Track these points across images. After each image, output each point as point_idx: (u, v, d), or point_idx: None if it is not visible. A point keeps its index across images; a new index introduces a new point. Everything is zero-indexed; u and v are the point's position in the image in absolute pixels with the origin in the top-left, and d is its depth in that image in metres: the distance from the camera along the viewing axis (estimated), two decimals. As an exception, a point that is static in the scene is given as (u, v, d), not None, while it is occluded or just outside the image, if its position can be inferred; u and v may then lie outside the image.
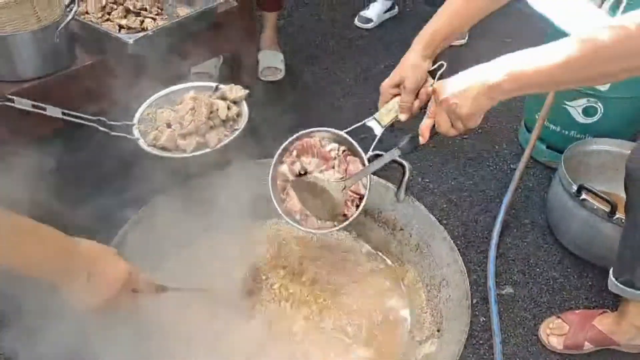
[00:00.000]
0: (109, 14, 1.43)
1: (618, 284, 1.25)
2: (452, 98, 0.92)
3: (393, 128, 1.18)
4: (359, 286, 1.28)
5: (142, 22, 1.42)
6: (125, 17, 1.42)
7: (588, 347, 1.35)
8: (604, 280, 1.36)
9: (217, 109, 1.26)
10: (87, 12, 1.42)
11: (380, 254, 1.35)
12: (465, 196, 1.77)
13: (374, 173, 1.15)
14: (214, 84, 1.33)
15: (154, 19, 1.44)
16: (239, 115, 1.29)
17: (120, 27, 1.41)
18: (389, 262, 1.33)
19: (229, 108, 1.27)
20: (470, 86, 0.90)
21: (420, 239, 1.24)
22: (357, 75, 2.28)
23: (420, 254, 1.23)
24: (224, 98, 1.30)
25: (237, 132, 1.25)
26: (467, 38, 2.48)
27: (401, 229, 1.28)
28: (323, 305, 1.23)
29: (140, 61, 1.31)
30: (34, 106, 1.17)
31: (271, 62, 2.20)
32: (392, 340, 1.17)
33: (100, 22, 1.41)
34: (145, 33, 1.36)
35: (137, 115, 1.26)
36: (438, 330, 1.08)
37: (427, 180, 1.82)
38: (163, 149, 1.21)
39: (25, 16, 1.18)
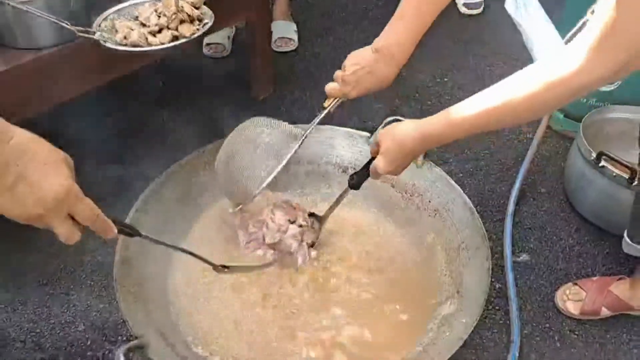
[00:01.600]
0: (122, -20, 1.42)
1: (632, 243, 1.25)
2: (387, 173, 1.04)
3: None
4: (377, 249, 1.29)
5: (156, -11, 1.41)
6: (139, -17, 1.41)
7: (605, 312, 1.35)
8: (621, 248, 1.35)
9: (183, 7, 1.27)
10: (101, -21, 1.41)
11: (397, 218, 1.35)
12: (482, 165, 1.76)
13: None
14: None
15: (168, -14, 1.43)
16: (204, 14, 1.33)
17: (134, -7, 1.39)
18: (406, 225, 1.33)
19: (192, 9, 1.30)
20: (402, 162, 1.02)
21: (439, 203, 1.24)
22: (371, 46, 2.25)
23: (440, 218, 1.24)
24: None
25: (208, 25, 1.29)
26: (482, 7, 2.44)
27: (420, 195, 1.28)
28: (339, 271, 1.24)
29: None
30: None
31: (284, 32, 2.19)
32: (411, 300, 1.18)
33: (114, -12, 1.40)
34: (159, 0, 1.36)
35: (95, 24, 1.25)
36: (458, 292, 1.09)
37: (442, 149, 1.80)
38: (134, 46, 1.21)
39: (41, -18, 1.17)
